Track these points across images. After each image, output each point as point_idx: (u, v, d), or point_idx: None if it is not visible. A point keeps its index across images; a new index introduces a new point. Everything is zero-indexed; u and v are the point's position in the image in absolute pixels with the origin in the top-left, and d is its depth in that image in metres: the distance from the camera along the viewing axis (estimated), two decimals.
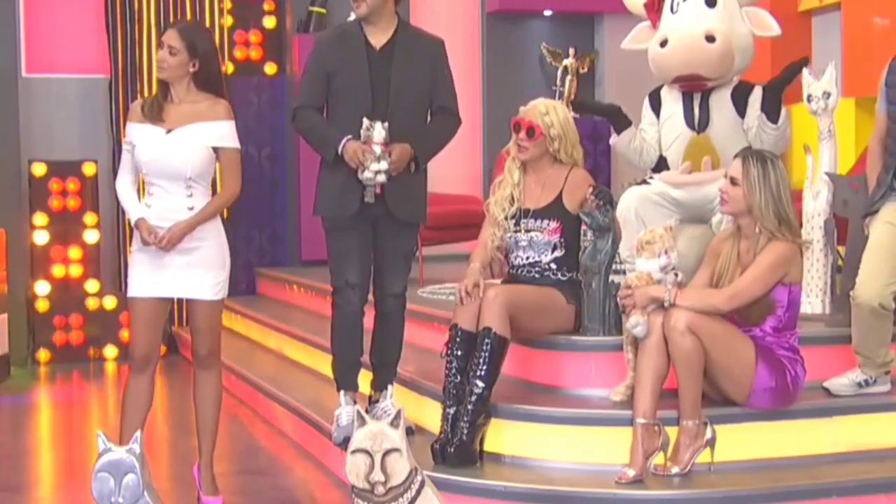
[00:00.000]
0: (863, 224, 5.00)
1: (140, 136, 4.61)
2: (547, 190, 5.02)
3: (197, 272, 4.60)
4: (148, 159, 4.57)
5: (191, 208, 4.58)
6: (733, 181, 4.58)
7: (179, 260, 4.58)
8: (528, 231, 4.98)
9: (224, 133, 4.64)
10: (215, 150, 4.62)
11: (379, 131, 4.74)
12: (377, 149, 4.75)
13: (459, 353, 4.72)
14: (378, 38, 4.96)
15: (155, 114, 4.61)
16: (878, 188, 4.97)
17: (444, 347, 4.78)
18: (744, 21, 5.70)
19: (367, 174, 4.78)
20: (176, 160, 4.54)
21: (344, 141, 4.80)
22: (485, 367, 4.62)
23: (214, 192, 4.76)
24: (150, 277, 4.60)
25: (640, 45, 5.90)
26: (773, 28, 5.71)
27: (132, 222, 4.61)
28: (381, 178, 4.78)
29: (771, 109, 5.50)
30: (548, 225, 4.96)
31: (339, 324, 5.08)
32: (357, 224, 4.95)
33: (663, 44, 5.67)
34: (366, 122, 4.78)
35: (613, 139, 5.90)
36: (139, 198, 4.68)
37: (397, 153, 4.78)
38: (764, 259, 4.50)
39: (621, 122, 5.85)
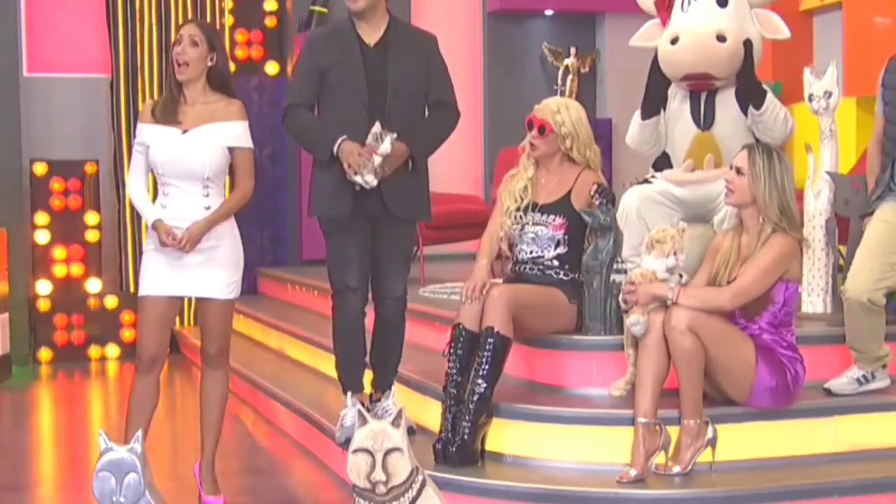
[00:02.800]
0: (861, 225, 5.01)
1: (155, 136, 4.59)
2: (557, 187, 5.02)
3: (212, 271, 4.60)
4: (165, 160, 4.55)
5: (207, 208, 4.57)
6: (739, 171, 4.59)
7: (196, 259, 4.57)
8: (534, 224, 4.99)
9: (239, 133, 4.64)
10: (230, 149, 4.62)
11: (386, 145, 4.70)
12: (377, 159, 4.71)
13: (461, 352, 4.72)
14: (371, 34, 4.95)
15: (170, 114, 4.59)
16: (875, 188, 4.99)
17: (447, 347, 4.77)
18: (753, 23, 5.67)
19: (357, 179, 4.75)
20: (193, 160, 4.53)
21: (340, 141, 4.78)
22: (487, 367, 4.62)
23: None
24: (164, 276, 4.58)
25: (648, 42, 5.87)
26: (782, 31, 5.67)
27: (149, 224, 4.58)
28: (367, 186, 4.76)
29: (750, 96, 5.44)
30: (553, 220, 4.96)
31: (342, 327, 5.07)
32: (355, 226, 4.93)
33: (674, 41, 5.64)
34: (377, 128, 4.72)
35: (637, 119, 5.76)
36: (152, 198, 4.66)
37: (394, 153, 4.76)
38: (766, 255, 4.49)
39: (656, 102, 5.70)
